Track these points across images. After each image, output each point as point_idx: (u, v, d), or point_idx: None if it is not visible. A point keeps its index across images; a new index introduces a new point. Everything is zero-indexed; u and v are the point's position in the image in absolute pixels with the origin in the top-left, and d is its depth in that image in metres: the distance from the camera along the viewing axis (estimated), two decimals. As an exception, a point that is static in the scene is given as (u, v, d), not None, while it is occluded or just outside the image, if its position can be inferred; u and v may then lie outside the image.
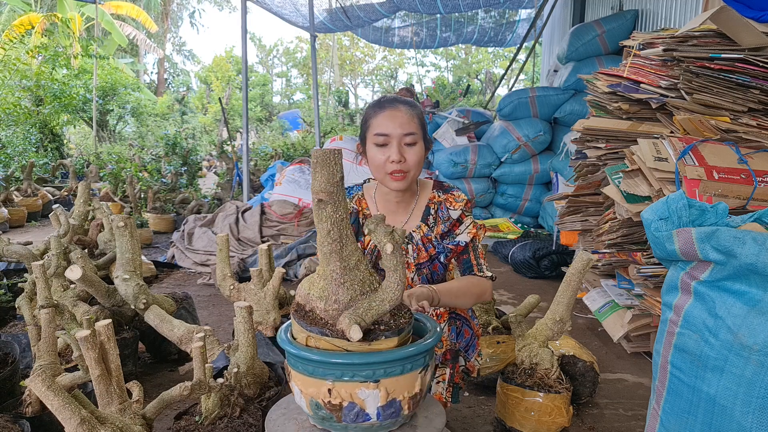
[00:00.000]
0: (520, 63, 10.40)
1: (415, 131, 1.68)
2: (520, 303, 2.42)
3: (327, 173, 1.13)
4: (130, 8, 17.65)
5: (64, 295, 2.45)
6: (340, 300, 1.17)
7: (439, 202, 1.78)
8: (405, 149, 1.67)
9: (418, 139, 1.69)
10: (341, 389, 1.16)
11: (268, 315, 2.34)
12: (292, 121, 22.04)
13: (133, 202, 6.26)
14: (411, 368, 1.19)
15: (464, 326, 1.82)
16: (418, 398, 1.23)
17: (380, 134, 1.67)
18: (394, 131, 1.66)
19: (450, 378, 1.79)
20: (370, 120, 1.72)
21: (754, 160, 2.46)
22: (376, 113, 1.70)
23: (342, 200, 1.15)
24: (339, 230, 1.15)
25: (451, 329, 1.79)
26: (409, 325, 1.24)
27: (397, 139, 1.66)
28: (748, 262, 1.15)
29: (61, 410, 1.30)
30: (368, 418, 1.18)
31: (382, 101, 1.73)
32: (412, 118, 1.68)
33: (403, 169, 1.67)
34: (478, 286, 1.72)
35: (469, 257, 1.77)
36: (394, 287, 1.16)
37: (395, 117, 1.67)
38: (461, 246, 1.75)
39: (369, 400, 1.16)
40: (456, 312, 1.82)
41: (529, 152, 6.12)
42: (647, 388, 2.57)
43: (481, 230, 1.80)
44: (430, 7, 8.15)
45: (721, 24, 2.63)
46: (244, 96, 6.49)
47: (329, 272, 1.18)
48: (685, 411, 1.28)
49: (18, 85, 10.38)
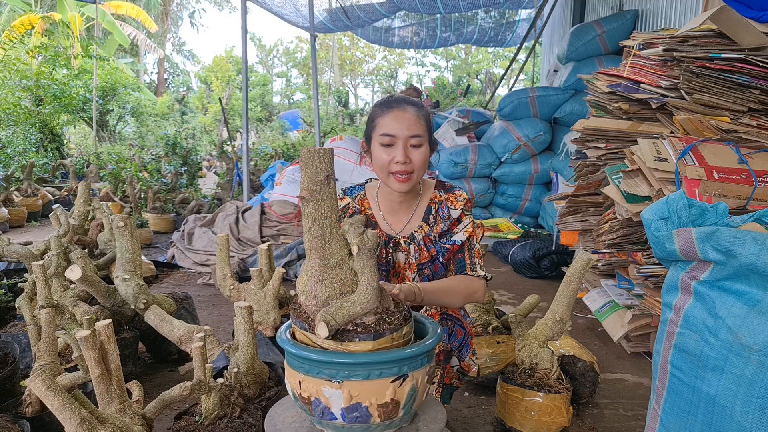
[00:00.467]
0: (520, 63, 10.41)
1: (422, 133, 1.67)
2: (520, 303, 2.42)
3: (310, 171, 1.13)
4: (130, 8, 17.64)
5: (64, 295, 2.45)
6: (318, 296, 1.19)
7: (440, 202, 1.77)
8: (410, 151, 1.67)
9: (423, 141, 1.68)
10: (309, 384, 1.19)
11: (268, 315, 2.34)
12: (292, 121, 22.04)
13: (133, 202, 6.26)
14: (379, 375, 1.16)
15: (456, 326, 1.81)
16: (390, 408, 1.19)
17: (386, 134, 1.66)
18: (401, 132, 1.65)
19: (440, 378, 1.78)
20: (377, 119, 1.71)
21: (754, 160, 2.46)
22: (384, 113, 1.69)
23: (327, 198, 1.15)
24: (321, 228, 1.16)
25: (443, 330, 1.77)
26: (395, 331, 1.21)
27: (403, 141, 1.66)
28: (748, 262, 1.15)
29: (61, 410, 1.30)
30: (333, 417, 1.19)
31: (390, 101, 1.72)
32: (419, 119, 1.68)
33: (407, 170, 1.66)
34: (468, 286, 1.70)
35: (463, 256, 1.75)
36: (362, 290, 1.16)
37: (402, 118, 1.66)
38: (457, 245, 1.74)
39: (333, 399, 1.17)
40: (447, 312, 1.81)
41: (529, 152, 6.12)
42: (647, 388, 2.57)
43: (479, 229, 1.78)
44: (430, 7, 8.15)
45: (721, 24, 2.63)
46: (244, 96, 6.49)
47: (309, 268, 1.20)
48: (685, 411, 1.28)
49: (18, 85, 10.38)
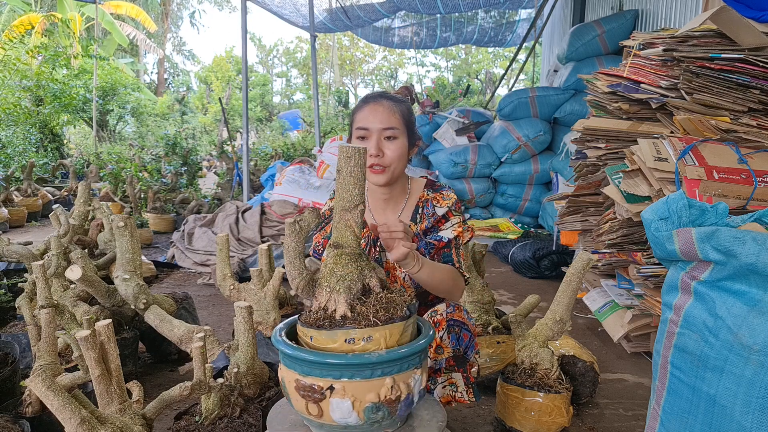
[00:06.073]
0: (520, 63, 10.41)
1: (396, 126, 1.67)
2: (520, 303, 2.42)
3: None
4: (129, 8, 17.64)
5: (64, 295, 2.45)
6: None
7: (427, 200, 1.78)
8: (384, 143, 1.67)
9: (399, 134, 1.68)
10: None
11: (268, 315, 2.34)
12: (292, 121, 22.04)
13: (133, 202, 6.26)
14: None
15: (463, 330, 1.80)
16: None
17: (361, 128, 1.68)
18: (374, 125, 1.66)
19: (466, 380, 1.77)
20: (355, 114, 1.74)
21: (754, 160, 2.46)
22: (361, 108, 1.72)
23: None
24: None
25: (451, 336, 1.76)
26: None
27: (376, 134, 1.66)
28: (748, 262, 1.15)
29: (61, 410, 1.30)
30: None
31: (367, 97, 1.74)
32: (393, 112, 1.68)
33: (381, 163, 1.66)
34: (457, 278, 1.69)
35: (450, 252, 1.74)
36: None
37: (376, 111, 1.67)
38: (443, 242, 1.73)
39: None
40: (454, 318, 1.80)
41: (529, 152, 6.12)
42: (647, 388, 2.57)
43: (467, 232, 1.77)
44: (430, 7, 8.16)
45: (721, 24, 2.63)
46: (244, 96, 6.49)
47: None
48: (685, 411, 1.28)
49: (18, 85, 10.38)
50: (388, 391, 1.18)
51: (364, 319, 1.19)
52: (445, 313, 1.76)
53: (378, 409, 1.18)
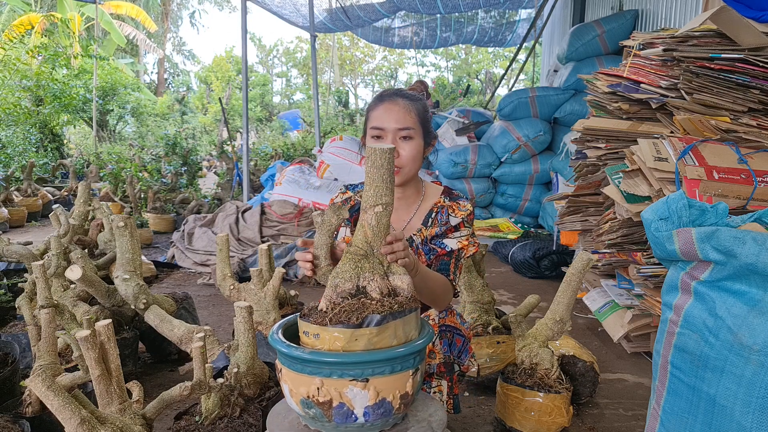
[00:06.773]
0: (520, 63, 10.41)
1: (412, 126, 1.64)
2: (520, 303, 2.42)
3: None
4: (129, 8, 17.64)
5: (64, 295, 2.45)
6: None
7: (443, 207, 1.74)
8: (399, 144, 1.64)
9: (414, 135, 1.65)
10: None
11: (268, 315, 2.34)
12: (292, 121, 22.04)
13: (133, 202, 6.26)
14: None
15: (455, 336, 1.78)
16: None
17: (376, 127, 1.65)
18: (389, 125, 1.64)
19: (449, 390, 1.76)
20: (370, 112, 1.71)
21: (754, 160, 2.46)
22: (375, 106, 1.69)
23: None
24: None
25: (443, 342, 1.74)
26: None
27: (391, 134, 1.64)
28: (748, 262, 1.15)
29: (61, 410, 1.30)
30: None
31: (382, 94, 1.71)
32: (409, 112, 1.65)
33: (396, 164, 1.65)
34: (447, 290, 1.65)
35: (449, 261, 1.69)
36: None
37: (391, 110, 1.64)
38: (446, 250, 1.69)
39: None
40: (446, 323, 1.77)
41: (529, 152, 6.12)
42: (647, 388, 2.57)
43: (472, 246, 1.72)
44: (430, 7, 8.16)
45: (721, 24, 2.63)
46: (244, 96, 6.49)
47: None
48: (685, 411, 1.28)
49: (18, 85, 10.38)
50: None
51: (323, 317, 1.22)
52: (437, 318, 1.74)
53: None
